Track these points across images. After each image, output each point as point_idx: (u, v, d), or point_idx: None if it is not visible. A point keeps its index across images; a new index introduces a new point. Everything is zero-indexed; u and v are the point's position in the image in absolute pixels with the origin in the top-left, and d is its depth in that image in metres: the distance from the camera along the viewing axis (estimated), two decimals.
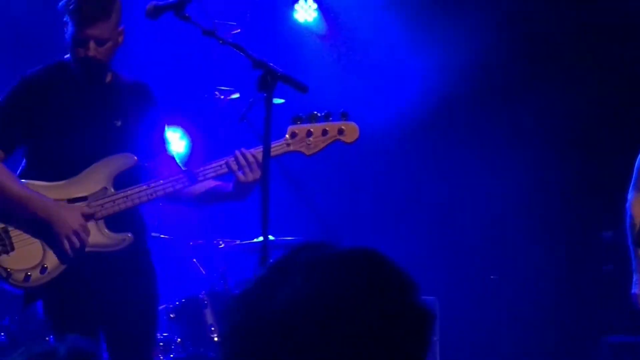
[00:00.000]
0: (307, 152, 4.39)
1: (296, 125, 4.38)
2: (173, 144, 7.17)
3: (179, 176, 4.34)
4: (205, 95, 7.63)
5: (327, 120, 4.39)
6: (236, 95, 7.48)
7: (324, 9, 8.70)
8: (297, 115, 4.39)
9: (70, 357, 1.66)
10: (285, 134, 4.37)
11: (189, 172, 4.37)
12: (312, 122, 4.38)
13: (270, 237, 4.43)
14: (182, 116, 7.90)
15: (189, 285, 6.69)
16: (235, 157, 4.30)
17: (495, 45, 8.08)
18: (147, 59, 7.36)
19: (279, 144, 4.33)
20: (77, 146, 4.31)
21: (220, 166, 4.33)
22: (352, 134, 4.40)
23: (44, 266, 4.25)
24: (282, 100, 6.08)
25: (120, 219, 4.33)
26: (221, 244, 6.79)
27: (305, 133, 4.37)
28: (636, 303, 5.39)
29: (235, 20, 7.90)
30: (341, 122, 4.39)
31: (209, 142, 7.94)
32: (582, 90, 7.97)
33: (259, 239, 5.43)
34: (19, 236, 4.25)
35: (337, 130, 4.38)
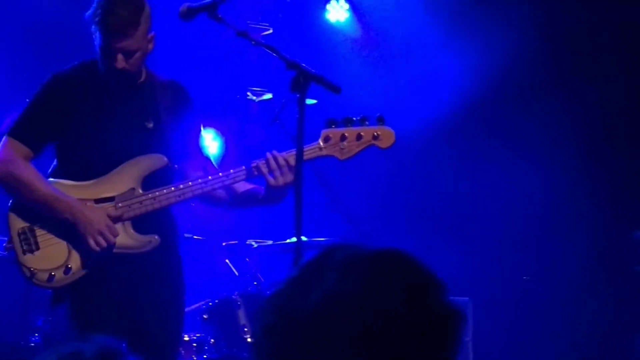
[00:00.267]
0: (340, 157, 4.28)
1: (330, 129, 4.27)
2: (206, 144, 7.18)
3: (208, 179, 4.25)
4: (238, 96, 7.65)
5: (363, 124, 4.28)
6: (269, 96, 7.50)
7: (356, 9, 8.69)
8: (332, 118, 4.28)
9: (99, 356, 1.67)
10: (319, 137, 4.27)
11: (216, 175, 4.28)
12: (347, 126, 4.27)
13: (303, 237, 4.41)
14: (215, 117, 7.90)
15: (222, 286, 6.69)
16: (266, 160, 4.21)
17: (528, 47, 8.05)
18: (180, 60, 7.35)
19: (311, 147, 4.23)
20: (106, 146, 4.24)
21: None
22: (388, 140, 4.29)
23: (68, 266, 4.20)
24: (314, 101, 6.05)
25: (148, 220, 4.26)
26: (254, 245, 6.80)
27: (339, 137, 4.26)
28: None
29: (267, 21, 7.92)
30: (377, 126, 4.28)
31: (241, 143, 7.95)
32: (615, 89, 7.92)
33: (292, 239, 5.43)
34: (44, 236, 4.21)
35: (371, 135, 4.27)
